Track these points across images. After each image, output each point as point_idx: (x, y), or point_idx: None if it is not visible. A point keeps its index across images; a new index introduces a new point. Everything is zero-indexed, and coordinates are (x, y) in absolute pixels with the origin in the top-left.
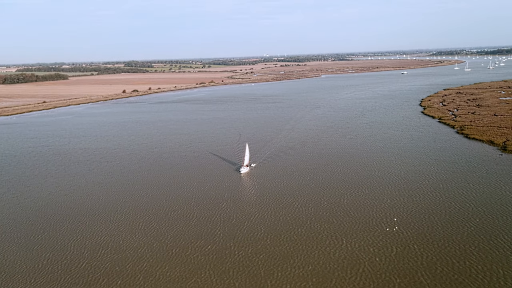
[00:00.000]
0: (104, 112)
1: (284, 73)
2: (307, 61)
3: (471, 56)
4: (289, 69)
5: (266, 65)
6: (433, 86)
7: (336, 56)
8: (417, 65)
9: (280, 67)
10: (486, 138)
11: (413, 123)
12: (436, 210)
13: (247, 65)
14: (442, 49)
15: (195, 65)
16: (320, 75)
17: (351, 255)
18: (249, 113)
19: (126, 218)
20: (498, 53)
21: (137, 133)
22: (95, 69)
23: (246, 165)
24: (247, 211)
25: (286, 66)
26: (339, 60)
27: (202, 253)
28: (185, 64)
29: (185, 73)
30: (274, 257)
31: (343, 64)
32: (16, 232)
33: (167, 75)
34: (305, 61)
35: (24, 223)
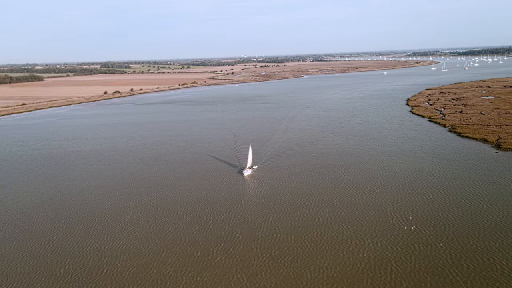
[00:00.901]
0: (89, 114)
1: (265, 73)
2: (286, 62)
3: (445, 57)
4: (270, 69)
5: (245, 65)
6: (415, 86)
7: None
8: (395, 66)
9: (260, 67)
10: (479, 136)
11: (404, 122)
12: (449, 208)
13: (227, 65)
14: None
15: (173, 66)
16: (302, 75)
17: (377, 254)
18: (239, 113)
19: (140, 222)
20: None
21: (129, 135)
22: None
23: (248, 167)
24: (262, 213)
25: (266, 66)
26: (317, 61)
27: (227, 256)
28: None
29: (165, 74)
30: (301, 258)
31: (322, 65)
32: (26, 240)
33: (147, 76)
34: (284, 61)
35: (32, 230)
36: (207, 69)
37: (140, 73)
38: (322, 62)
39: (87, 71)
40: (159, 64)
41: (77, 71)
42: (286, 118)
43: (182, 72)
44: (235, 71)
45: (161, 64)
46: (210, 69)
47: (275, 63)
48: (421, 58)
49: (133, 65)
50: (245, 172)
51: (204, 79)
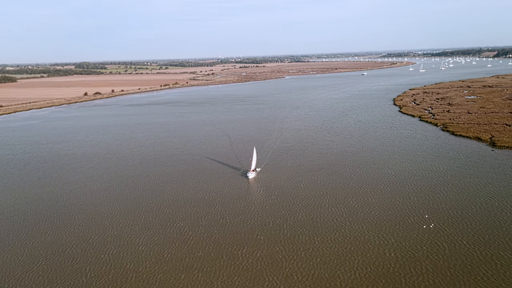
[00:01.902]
0: (73, 116)
1: (246, 74)
2: (264, 63)
3: (419, 58)
4: (250, 70)
5: (224, 66)
6: (398, 86)
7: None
8: (373, 67)
9: (240, 68)
10: (472, 134)
11: (396, 121)
12: (463, 206)
13: (205, 66)
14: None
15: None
16: (284, 76)
17: (406, 254)
18: (230, 114)
19: (155, 226)
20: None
21: (121, 137)
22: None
23: (252, 170)
24: (278, 214)
25: (245, 67)
26: (295, 62)
27: (254, 259)
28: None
29: (143, 74)
30: (330, 260)
31: (301, 66)
32: (39, 249)
33: (125, 76)
34: (262, 62)
35: (42, 238)
36: (186, 69)
37: (117, 74)
38: (300, 63)
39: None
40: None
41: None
42: (278, 118)
43: (161, 73)
44: (215, 72)
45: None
46: (189, 69)
47: (254, 63)
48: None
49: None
50: (249, 174)
51: (185, 80)
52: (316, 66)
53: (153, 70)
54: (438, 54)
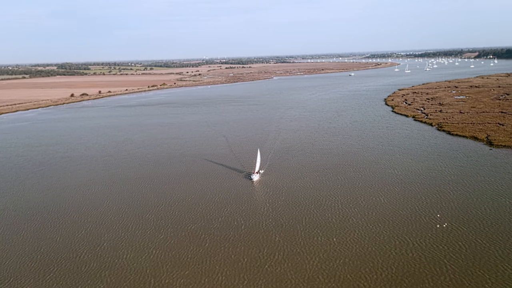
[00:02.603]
0: (63, 118)
1: (233, 75)
2: (250, 63)
3: (403, 59)
4: (237, 71)
5: (210, 67)
6: (386, 86)
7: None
8: (359, 67)
9: (226, 69)
10: (468, 134)
11: (392, 121)
12: (474, 204)
13: (191, 67)
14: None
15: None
16: (272, 77)
17: (426, 254)
18: (224, 115)
19: (168, 230)
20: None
21: (117, 139)
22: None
23: (256, 172)
24: (291, 216)
25: (231, 68)
26: (280, 63)
27: (275, 261)
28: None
29: (128, 75)
30: (353, 261)
31: (287, 66)
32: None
33: (110, 77)
34: (248, 63)
35: (51, 244)
36: (172, 70)
37: (101, 74)
38: (286, 64)
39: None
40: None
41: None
42: (273, 119)
43: (146, 74)
44: (201, 73)
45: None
46: (175, 70)
47: (240, 64)
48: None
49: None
50: (253, 177)
51: (172, 80)
52: (303, 67)
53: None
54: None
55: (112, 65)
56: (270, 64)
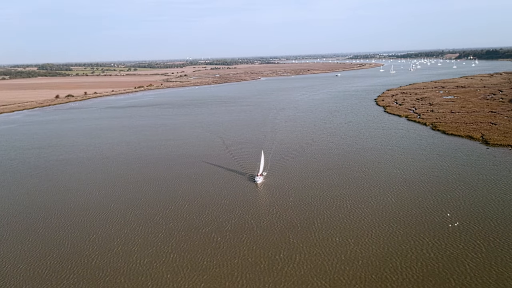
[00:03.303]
0: (51, 120)
1: (220, 76)
2: (235, 64)
3: (386, 60)
4: (223, 72)
5: (195, 67)
6: (374, 87)
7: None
8: (344, 68)
9: (211, 70)
10: (463, 133)
11: (386, 121)
12: (482, 203)
13: (175, 68)
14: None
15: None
16: (259, 77)
17: (446, 253)
18: (217, 116)
19: (181, 234)
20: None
21: (111, 140)
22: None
23: (260, 174)
24: (303, 217)
25: (217, 69)
26: (265, 63)
27: (296, 264)
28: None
29: (112, 76)
30: (373, 261)
31: (273, 67)
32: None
33: (93, 78)
34: (233, 64)
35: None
36: (157, 71)
37: (84, 75)
38: (271, 65)
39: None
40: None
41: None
42: (267, 119)
43: (131, 75)
44: (187, 73)
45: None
46: (160, 71)
47: (225, 65)
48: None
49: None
50: (257, 179)
51: (158, 81)
52: (289, 68)
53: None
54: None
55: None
56: (255, 65)
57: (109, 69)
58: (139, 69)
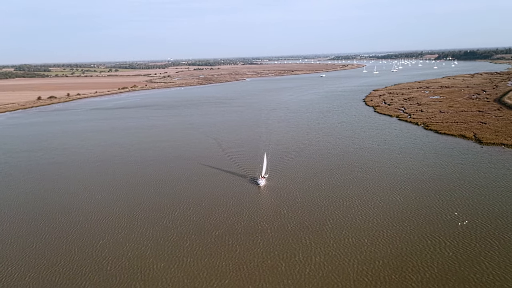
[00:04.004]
0: (36, 122)
1: (204, 77)
2: (218, 65)
3: (367, 60)
4: (207, 72)
5: (177, 68)
6: (360, 87)
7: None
8: (328, 69)
9: (195, 70)
10: (456, 133)
11: (378, 121)
12: (486, 201)
13: (157, 68)
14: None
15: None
16: (244, 78)
17: (463, 252)
18: (208, 117)
19: (193, 237)
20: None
21: (102, 143)
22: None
23: (263, 177)
24: (313, 218)
25: (200, 69)
26: (248, 64)
27: (316, 265)
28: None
29: (93, 77)
30: (392, 261)
31: (257, 68)
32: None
33: (74, 79)
34: (216, 64)
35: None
36: (139, 72)
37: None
38: (254, 65)
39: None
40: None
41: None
42: (260, 120)
43: (113, 76)
44: (170, 74)
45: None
46: (142, 72)
47: (207, 66)
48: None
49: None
50: (260, 182)
51: (142, 82)
52: (273, 69)
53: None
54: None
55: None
56: (238, 66)
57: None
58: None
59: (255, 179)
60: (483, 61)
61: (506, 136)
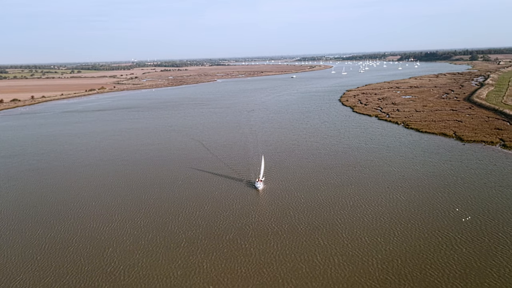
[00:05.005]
0: (3, 126)
1: (173, 78)
2: (185, 66)
3: (333, 62)
4: (175, 74)
5: (143, 69)
6: (332, 87)
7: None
8: (297, 70)
9: (162, 72)
10: (436, 131)
11: (359, 121)
12: (482, 195)
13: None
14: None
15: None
16: (215, 79)
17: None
18: (188, 119)
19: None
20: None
21: (83, 147)
22: None
23: (260, 180)
24: (323, 219)
25: (167, 71)
26: (216, 65)
27: (336, 266)
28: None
29: (56, 79)
30: (411, 259)
31: (225, 69)
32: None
33: (35, 81)
34: (183, 66)
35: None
36: (104, 73)
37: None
38: (222, 67)
39: None
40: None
41: None
42: (241, 121)
43: (76, 77)
44: (138, 76)
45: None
46: (107, 73)
47: (174, 67)
48: (312, 62)
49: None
50: (259, 185)
51: (109, 84)
52: (242, 70)
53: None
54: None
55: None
56: (206, 67)
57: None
58: (83, 72)
59: (251, 182)
60: (443, 62)
61: (485, 134)
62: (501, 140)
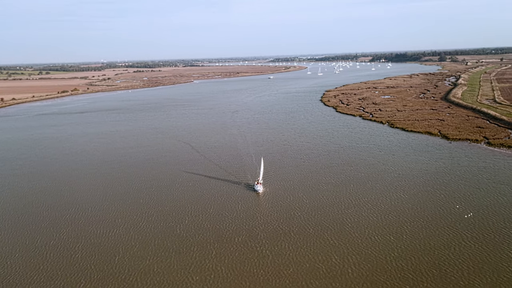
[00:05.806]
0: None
1: (148, 79)
2: (158, 67)
3: (306, 63)
4: (149, 75)
5: (115, 70)
6: (311, 88)
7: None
8: (273, 71)
9: (135, 73)
10: (422, 130)
11: (345, 121)
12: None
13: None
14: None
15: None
16: (192, 80)
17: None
18: (172, 121)
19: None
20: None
21: (67, 151)
22: None
23: (260, 183)
24: (331, 219)
25: (140, 71)
26: (189, 66)
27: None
28: (14, 71)
29: (23, 80)
30: (425, 257)
31: (200, 70)
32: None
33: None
34: (156, 66)
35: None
36: (75, 74)
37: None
38: (196, 67)
39: None
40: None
41: None
42: (227, 122)
43: (46, 79)
44: (110, 77)
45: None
46: (78, 74)
47: (147, 68)
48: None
49: None
50: (258, 188)
51: (82, 85)
52: (217, 71)
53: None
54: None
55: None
56: (180, 68)
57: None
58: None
59: (249, 184)
60: (413, 63)
61: (468, 132)
62: (485, 138)
